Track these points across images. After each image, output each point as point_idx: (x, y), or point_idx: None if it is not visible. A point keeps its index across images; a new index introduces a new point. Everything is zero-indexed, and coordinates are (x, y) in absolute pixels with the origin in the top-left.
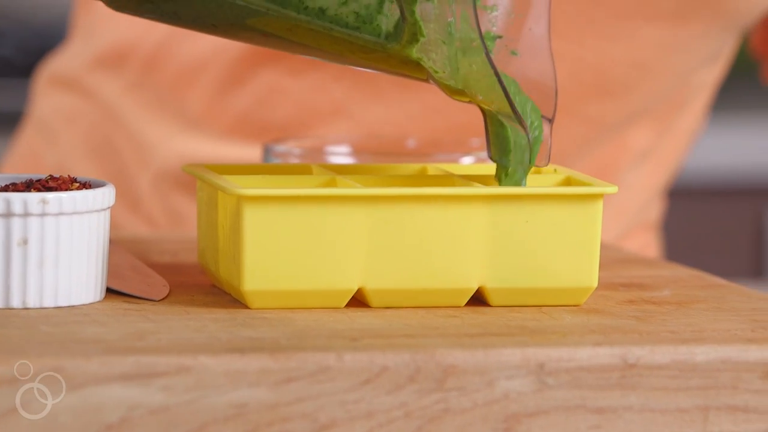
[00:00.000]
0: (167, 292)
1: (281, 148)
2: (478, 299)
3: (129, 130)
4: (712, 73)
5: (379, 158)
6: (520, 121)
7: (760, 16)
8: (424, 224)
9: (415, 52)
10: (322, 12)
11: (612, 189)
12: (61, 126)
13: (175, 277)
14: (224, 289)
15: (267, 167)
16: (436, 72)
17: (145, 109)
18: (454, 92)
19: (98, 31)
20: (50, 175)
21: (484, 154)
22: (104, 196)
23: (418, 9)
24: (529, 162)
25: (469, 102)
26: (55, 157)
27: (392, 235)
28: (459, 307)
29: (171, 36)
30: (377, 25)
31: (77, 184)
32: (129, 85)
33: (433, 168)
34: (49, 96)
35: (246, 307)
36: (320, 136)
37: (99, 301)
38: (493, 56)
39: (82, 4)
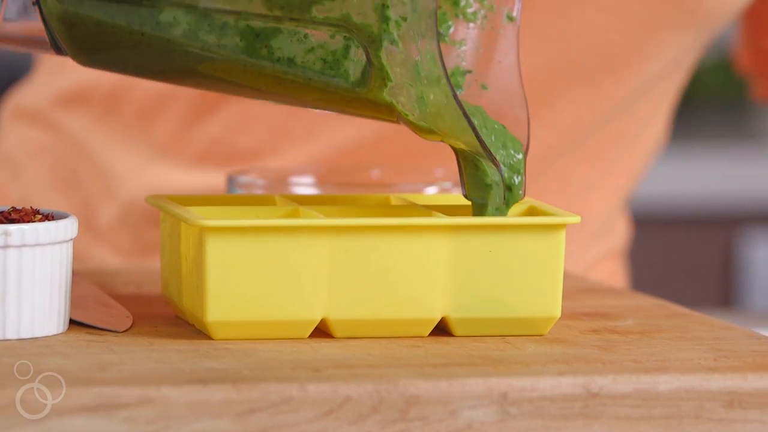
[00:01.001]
0: (130, 323)
1: (245, 178)
2: (442, 329)
3: (95, 163)
4: (674, 83)
5: (343, 188)
6: (491, 158)
7: (720, 22)
8: (387, 254)
9: (385, 96)
10: (290, 61)
11: (575, 219)
12: (26, 160)
13: (139, 308)
14: (188, 320)
15: (230, 198)
16: (407, 114)
17: (111, 142)
18: (426, 132)
19: (62, 67)
20: (12, 207)
21: (448, 184)
22: (67, 228)
23: (383, 53)
24: (506, 198)
25: (441, 141)
26: (21, 191)
27: (355, 265)
28: (422, 337)
29: None
30: (345, 70)
31: (40, 216)
32: (94, 120)
33: (396, 198)
34: (14, 129)
35: (209, 338)
36: (284, 166)
37: (62, 333)
38: (462, 92)
39: None
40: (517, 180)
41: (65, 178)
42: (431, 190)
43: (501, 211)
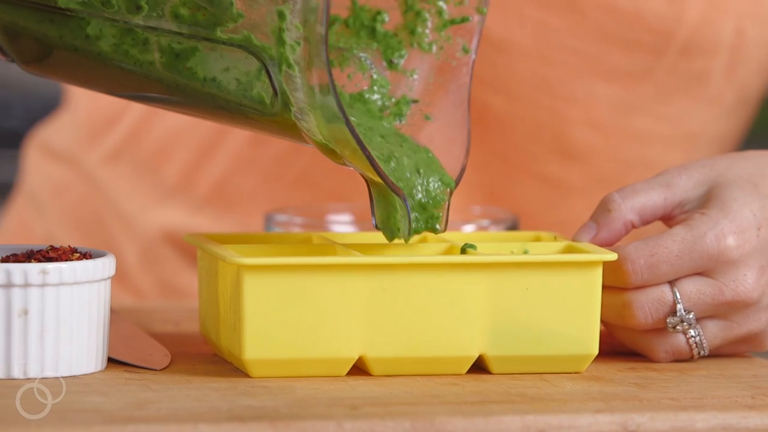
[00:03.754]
0: (168, 361)
1: (282, 216)
2: (479, 367)
3: (112, 202)
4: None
5: None
6: (393, 189)
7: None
8: (424, 292)
9: (293, 117)
10: (208, 80)
11: (611, 256)
12: (49, 198)
13: (177, 347)
14: (225, 357)
15: (267, 236)
16: (314, 136)
17: (124, 181)
18: (332, 156)
19: (83, 103)
20: (51, 246)
21: (486, 222)
22: (105, 266)
23: (282, 77)
24: (411, 228)
25: (349, 166)
26: (44, 228)
27: (393, 303)
28: (460, 374)
29: (150, 109)
30: (257, 92)
31: (78, 255)
32: (108, 157)
33: (433, 236)
34: (38, 166)
35: (247, 375)
36: (322, 205)
37: (100, 371)
38: (404, 121)
39: None
40: (436, 212)
41: (85, 216)
42: (468, 228)
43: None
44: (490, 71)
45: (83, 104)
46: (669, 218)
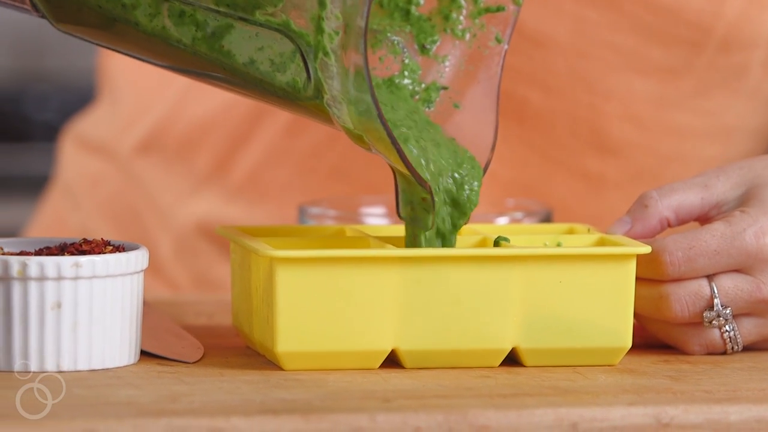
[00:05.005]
0: (201, 354)
1: (315, 209)
2: (513, 359)
3: (147, 194)
4: (723, 156)
5: None
6: (420, 181)
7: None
8: (457, 285)
9: (325, 105)
10: (242, 57)
11: (645, 249)
12: (84, 190)
13: (210, 339)
14: (258, 350)
15: (300, 229)
16: (344, 123)
17: (157, 172)
18: (362, 143)
19: (116, 94)
20: (84, 239)
21: (519, 214)
22: (137, 259)
23: (318, 64)
24: (435, 222)
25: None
26: (79, 221)
27: (425, 295)
28: (493, 367)
29: (182, 98)
30: (290, 74)
31: (110, 248)
32: (141, 148)
33: (466, 228)
34: (74, 159)
35: (280, 368)
36: (355, 197)
37: (133, 364)
38: (433, 108)
39: (103, 66)
40: (465, 206)
41: (121, 209)
42: (502, 221)
43: (430, 240)
44: (527, 66)
45: (116, 95)
46: (705, 219)
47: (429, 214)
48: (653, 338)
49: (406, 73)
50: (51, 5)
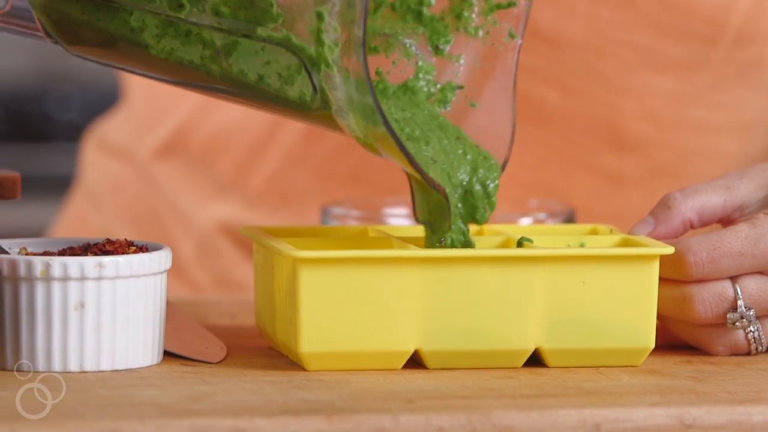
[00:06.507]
0: (224, 354)
1: (338, 209)
2: (536, 360)
3: (168, 198)
4: (742, 150)
5: None
6: (433, 186)
7: None
8: (480, 285)
9: (333, 115)
10: (251, 73)
11: (669, 249)
12: (106, 193)
13: (234, 340)
14: (281, 351)
15: (323, 230)
16: (353, 132)
17: (178, 177)
18: (374, 150)
19: (138, 97)
20: (107, 239)
21: (542, 215)
22: (161, 260)
23: (322, 77)
24: (453, 224)
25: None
26: (101, 224)
27: (448, 296)
28: (516, 368)
29: (203, 105)
30: (298, 87)
31: (134, 248)
32: (161, 152)
33: (489, 229)
34: (95, 162)
35: (303, 369)
36: (378, 197)
37: (156, 364)
38: (449, 108)
39: (123, 72)
40: (481, 204)
41: (142, 212)
42: (525, 221)
43: (452, 240)
44: (543, 65)
45: (138, 99)
46: (728, 221)
47: (445, 218)
48: (676, 339)
49: (420, 75)
50: (62, 31)
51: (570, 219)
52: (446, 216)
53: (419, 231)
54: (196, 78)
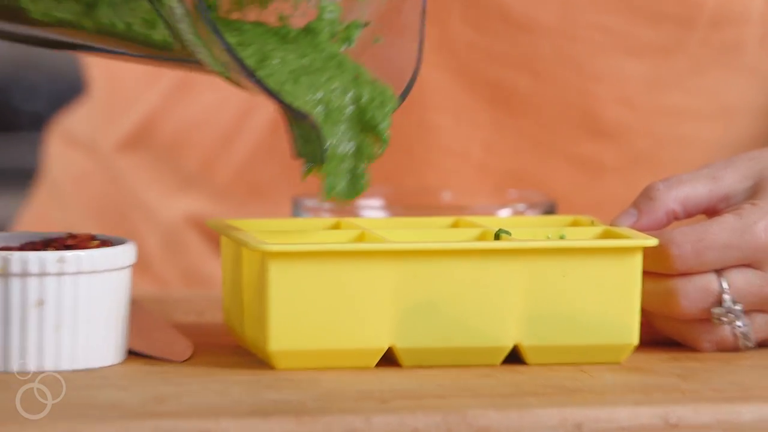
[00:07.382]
0: (191, 353)
1: (311, 201)
2: (515, 357)
3: (133, 192)
4: (725, 136)
5: (411, 211)
6: (293, 112)
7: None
8: (456, 280)
9: (189, 50)
10: (121, 22)
11: (652, 241)
12: (69, 188)
13: (201, 338)
14: (250, 349)
15: (293, 222)
16: (213, 68)
17: (143, 170)
18: (240, 85)
19: (101, 89)
20: (69, 233)
21: (521, 206)
22: (125, 254)
23: (165, 11)
24: (325, 152)
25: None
26: (65, 218)
27: (423, 291)
28: (494, 366)
29: (168, 97)
30: (160, 30)
31: (97, 242)
32: (126, 145)
33: (466, 221)
34: (59, 154)
35: (272, 368)
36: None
37: (119, 363)
38: (353, 45)
39: (86, 61)
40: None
41: (107, 206)
42: (504, 213)
43: (333, 146)
44: (513, 51)
45: (102, 90)
46: (713, 212)
47: (319, 144)
48: (661, 335)
49: (324, 16)
50: None
51: (551, 210)
52: (318, 140)
53: (395, 223)
54: (78, 36)
